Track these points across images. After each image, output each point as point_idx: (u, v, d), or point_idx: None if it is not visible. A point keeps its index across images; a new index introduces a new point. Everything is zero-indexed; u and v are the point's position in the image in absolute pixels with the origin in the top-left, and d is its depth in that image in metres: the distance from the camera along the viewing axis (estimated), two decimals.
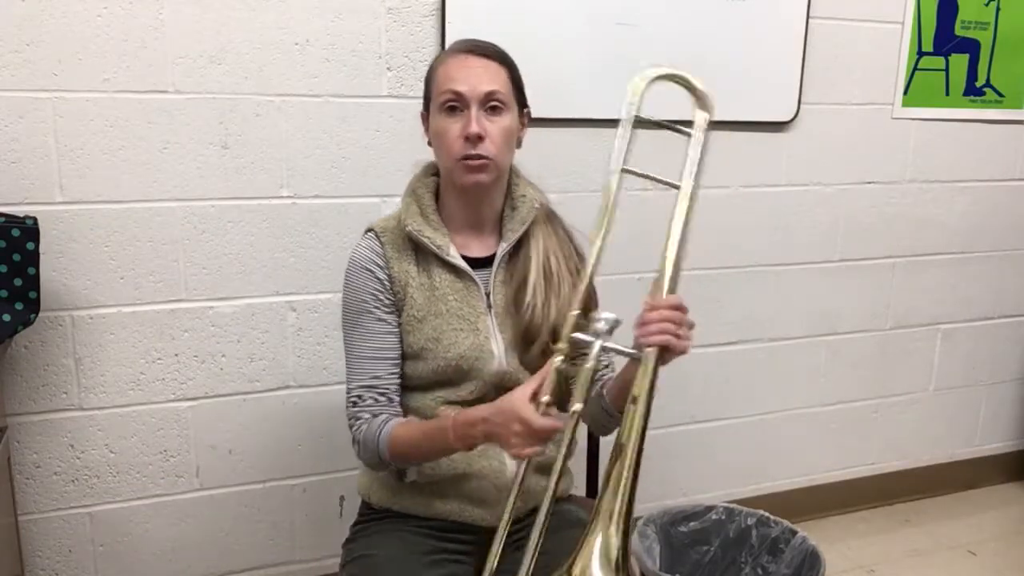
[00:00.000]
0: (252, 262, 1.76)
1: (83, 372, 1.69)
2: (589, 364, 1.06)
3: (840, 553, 2.29)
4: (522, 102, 1.33)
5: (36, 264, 1.50)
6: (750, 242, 2.22)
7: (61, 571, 1.75)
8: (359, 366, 1.29)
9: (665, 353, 1.09)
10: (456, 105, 1.24)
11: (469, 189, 1.27)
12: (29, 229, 1.48)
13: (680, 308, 1.12)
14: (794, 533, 1.84)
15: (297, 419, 1.86)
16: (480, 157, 1.23)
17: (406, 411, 1.31)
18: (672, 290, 1.15)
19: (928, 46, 2.27)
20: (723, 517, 1.92)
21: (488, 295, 1.31)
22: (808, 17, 2.09)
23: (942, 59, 2.30)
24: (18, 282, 1.49)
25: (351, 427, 1.28)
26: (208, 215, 1.71)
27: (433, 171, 1.36)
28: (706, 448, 2.31)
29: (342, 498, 1.93)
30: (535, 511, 1.25)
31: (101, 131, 1.61)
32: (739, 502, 2.01)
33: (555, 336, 1.24)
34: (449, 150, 1.25)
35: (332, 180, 1.78)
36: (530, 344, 1.29)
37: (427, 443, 1.21)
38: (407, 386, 1.31)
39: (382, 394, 1.29)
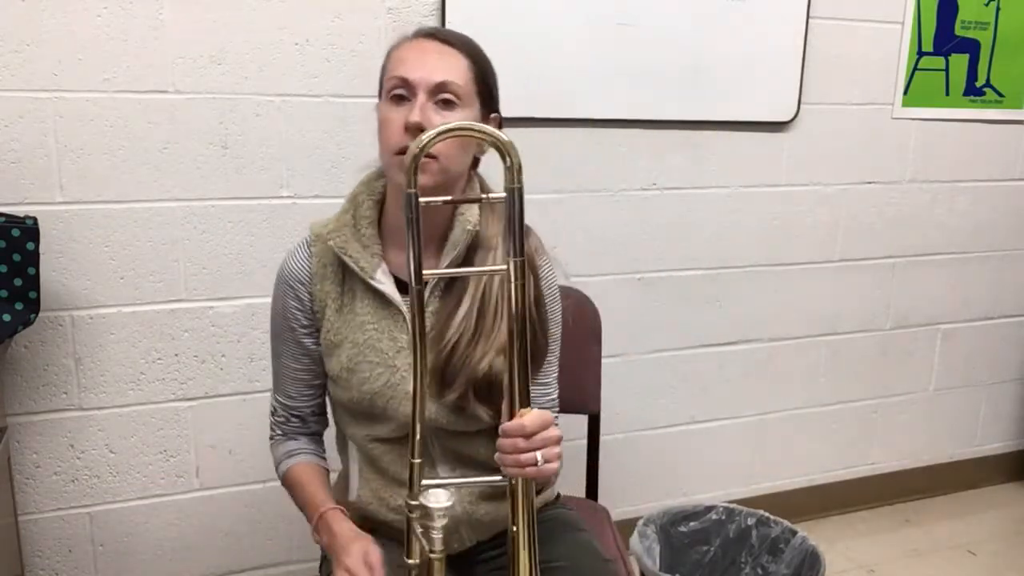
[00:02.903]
0: (252, 262, 1.76)
1: (83, 372, 1.69)
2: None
3: (840, 553, 2.30)
4: (488, 104, 1.15)
5: (36, 264, 1.50)
6: (750, 242, 2.22)
7: (61, 571, 1.76)
8: (277, 379, 1.29)
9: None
10: (403, 93, 1.08)
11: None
12: (29, 229, 1.48)
13: (524, 432, 0.95)
14: (794, 533, 1.84)
15: None
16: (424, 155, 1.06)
17: (346, 438, 1.26)
18: (524, 398, 0.96)
19: (928, 46, 2.27)
20: (723, 517, 1.93)
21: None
22: (808, 17, 2.09)
23: (942, 59, 2.30)
24: (18, 282, 1.49)
25: (270, 435, 1.33)
26: (208, 215, 1.71)
27: (382, 173, 1.21)
28: (706, 448, 2.31)
29: None
30: (499, 535, 1.24)
31: (101, 131, 1.61)
32: (739, 502, 2.01)
33: (476, 388, 1.12)
34: (387, 142, 1.09)
35: (332, 180, 1.78)
36: (446, 387, 1.12)
37: (301, 506, 1.25)
38: (344, 410, 1.24)
39: (295, 415, 1.29)
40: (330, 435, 1.36)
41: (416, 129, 1.04)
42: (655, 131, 2.04)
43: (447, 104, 1.09)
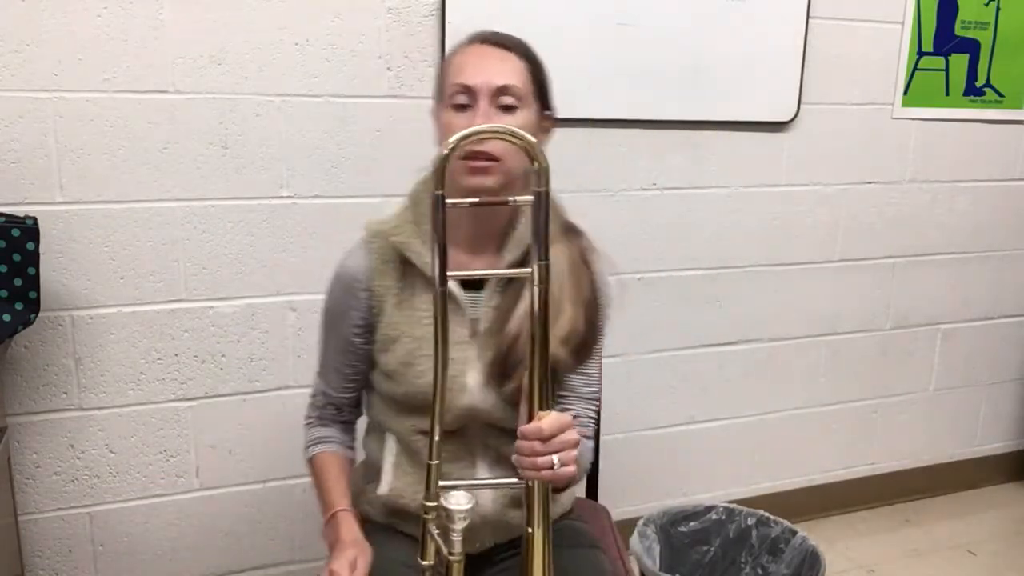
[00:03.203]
0: (252, 262, 1.76)
1: (83, 372, 1.69)
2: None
3: (840, 553, 2.30)
4: (544, 103, 1.20)
5: (36, 264, 1.50)
6: (750, 242, 2.22)
7: (61, 571, 1.76)
8: (322, 368, 1.33)
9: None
10: (465, 100, 1.12)
11: (473, 195, 1.10)
12: (29, 229, 1.48)
13: (541, 435, 0.96)
14: (794, 533, 1.84)
15: (297, 419, 1.84)
16: (487, 157, 1.10)
17: (384, 430, 1.27)
18: (544, 402, 0.97)
19: (928, 46, 2.27)
20: (723, 517, 1.93)
21: (474, 321, 1.19)
22: (808, 17, 2.09)
23: (942, 59, 2.30)
24: (18, 282, 1.49)
25: (305, 418, 1.36)
26: (208, 215, 1.71)
27: None
28: (706, 448, 2.31)
29: None
30: (518, 539, 1.25)
31: (101, 131, 1.61)
32: (739, 502, 2.01)
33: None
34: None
35: (332, 180, 1.78)
36: (507, 377, 1.15)
37: (319, 496, 1.29)
38: (389, 404, 1.25)
39: (331, 403, 1.32)
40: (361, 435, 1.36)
41: None
42: (655, 131, 2.04)
43: (508, 108, 1.13)
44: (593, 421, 1.29)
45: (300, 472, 1.89)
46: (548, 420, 0.97)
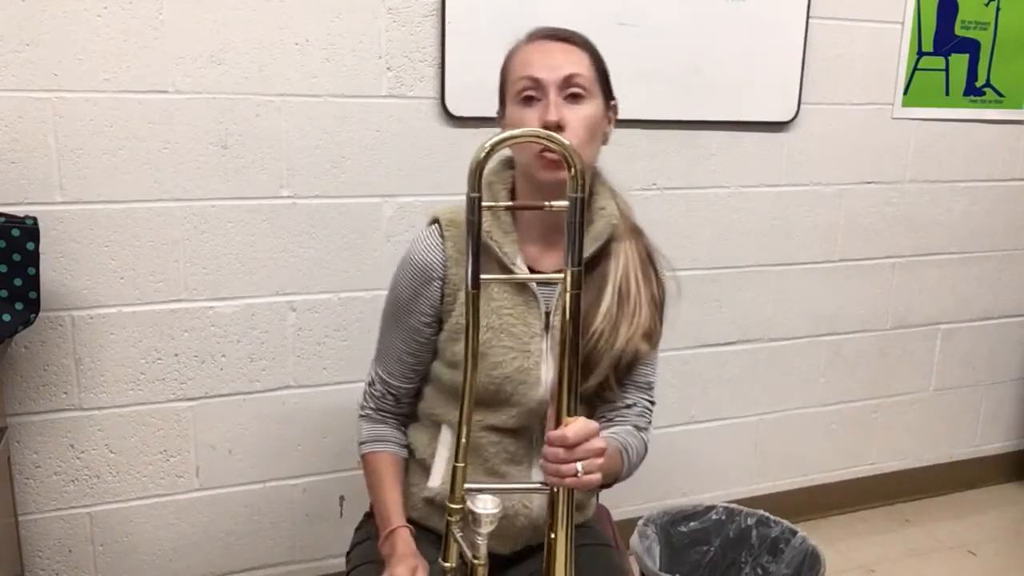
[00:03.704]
0: (252, 262, 1.76)
1: (83, 372, 1.69)
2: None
3: (840, 553, 2.29)
4: (608, 93, 1.20)
5: (36, 264, 1.50)
6: (750, 242, 2.22)
7: (61, 571, 1.76)
8: (383, 355, 1.29)
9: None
10: (533, 94, 1.12)
11: (548, 189, 1.10)
12: (29, 229, 1.48)
13: (565, 442, 0.96)
14: (794, 533, 1.84)
15: (297, 419, 1.86)
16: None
17: (438, 423, 1.26)
18: (572, 408, 0.97)
19: (928, 46, 2.27)
20: (723, 517, 1.93)
21: (548, 315, 1.19)
22: (808, 17, 2.09)
23: (942, 59, 2.30)
24: (18, 282, 1.49)
25: (360, 405, 1.32)
26: (208, 215, 1.71)
27: (511, 164, 1.23)
28: (706, 448, 2.31)
29: (342, 498, 1.93)
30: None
31: (101, 131, 1.61)
32: (739, 502, 2.01)
33: (617, 370, 1.20)
34: (524, 145, 1.10)
35: (332, 180, 1.78)
36: (587, 375, 1.16)
37: (374, 502, 1.27)
38: (451, 396, 1.24)
39: (391, 392, 1.29)
40: None
41: (555, 126, 1.08)
42: (655, 131, 2.04)
43: (576, 97, 1.13)
44: (650, 412, 1.32)
45: (300, 472, 1.89)
46: (573, 427, 0.97)
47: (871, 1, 2.18)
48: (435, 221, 1.22)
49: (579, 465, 0.97)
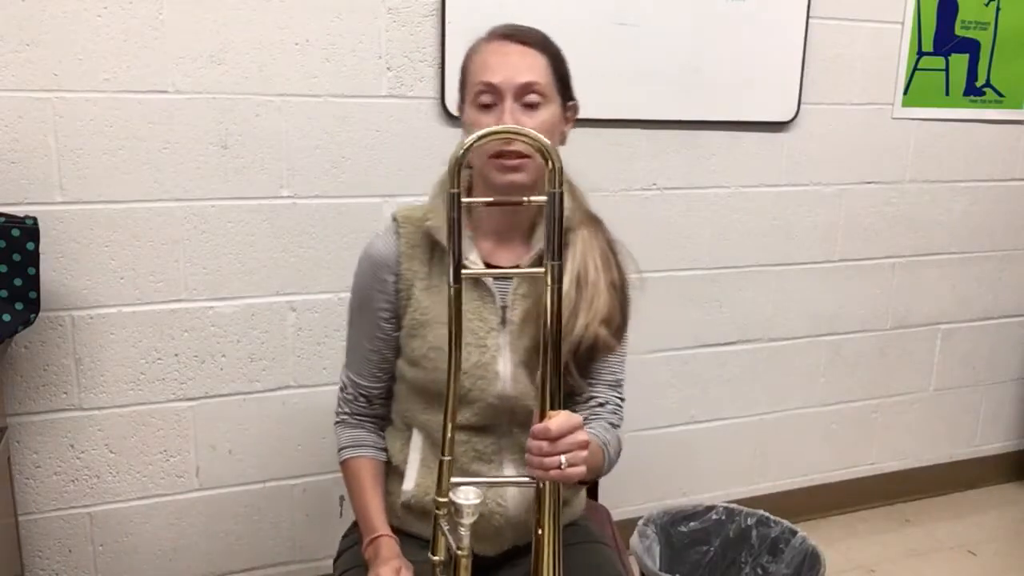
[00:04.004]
0: (252, 262, 1.76)
1: (83, 372, 1.69)
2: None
3: (840, 553, 2.29)
4: (566, 95, 1.21)
5: (36, 264, 1.50)
6: (750, 242, 2.22)
7: (61, 571, 1.76)
8: (350, 358, 1.31)
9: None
10: (490, 100, 1.13)
11: (502, 191, 1.13)
12: (29, 229, 1.48)
13: (548, 435, 0.97)
14: (794, 533, 1.84)
15: (297, 419, 1.86)
16: (516, 155, 1.11)
17: (409, 426, 1.26)
18: (553, 402, 0.98)
19: (928, 46, 2.27)
20: (723, 517, 1.93)
21: (504, 309, 1.20)
22: (808, 17, 2.09)
23: (942, 59, 2.30)
24: (18, 282, 1.49)
25: (336, 412, 1.33)
26: (208, 215, 1.71)
27: (467, 165, 1.22)
28: (706, 448, 2.31)
29: (342, 498, 1.93)
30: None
31: (101, 131, 1.61)
32: (739, 502, 2.01)
33: (576, 357, 1.18)
34: (480, 147, 1.11)
35: (332, 180, 1.78)
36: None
37: (356, 509, 1.27)
38: (417, 394, 1.24)
39: (363, 394, 1.30)
40: None
41: None
42: (655, 131, 2.04)
43: (533, 104, 1.13)
44: (621, 408, 1.30)
45: (300, 472, 1.89)
46: (556, 420, 0.97)
47: (871, 1, 2.18)
48: (394, 220, 1.25)
49: (563, 458, 0.97)
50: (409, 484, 1.24)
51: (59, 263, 1.63)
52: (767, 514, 1.90)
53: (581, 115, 1.93)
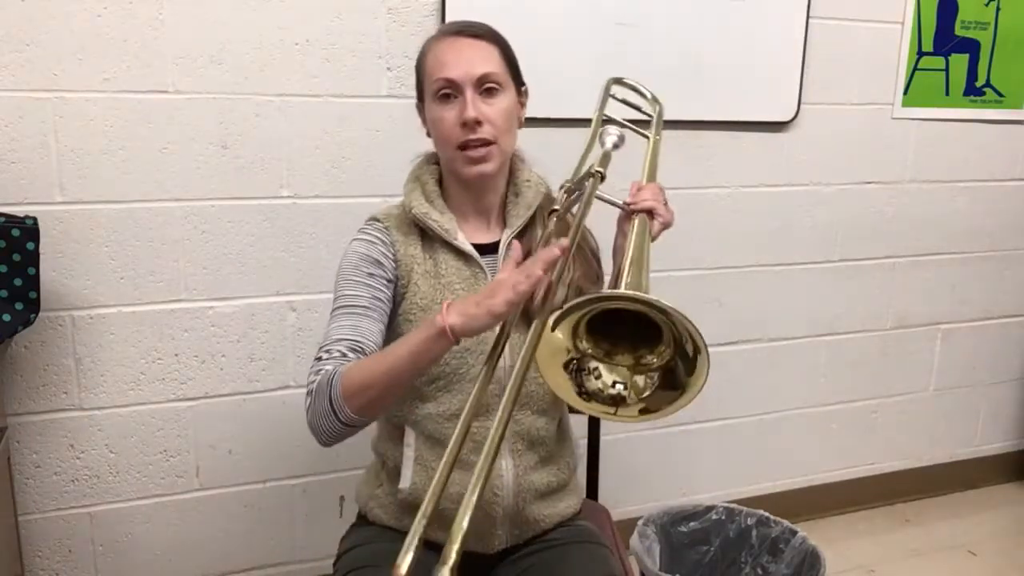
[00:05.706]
0: (252, 262, 1.76)
1: (83, 372, 1.69)
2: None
3: (840, 553, 2.29)
4: (518, 80, 1.27)
5: (36, 264, 1.50)
6: (750, 242, 2.22)
7: (61, 571, 1.76)
8: (347, 318, 1.18)
9: (652, 221, 1.15)
10: (450, 92, 1.18)
11: (472, 182, 1.22)
12: (29, 229, 1.48)
13: (661, 190, 1.19)
14: (794, 533, 1.84)
15: (297, 419, 1.85)
16: (482, 142, 1.17)
17: (401, 425, 1.25)
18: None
19: (928, 46, 2.27)
20: (723, 517, 1.93)
21: None
22: (808, 17, 2.10)
23: (942, 59, 2.30)
24: (18, 282, 1.50)
25: (308, 382, 1.12)
26: (208, 215, 1.71)
27: (435, 159, 1.31)
28: (706, 448, 2.31)
29: (342, 498, 1.93)
30: (535, 539, 1.28)
31: (101, 131, 1.61)
32: (739, 502, 2.01)
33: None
34: (448, 139, 1.19)
35: (332, 180, 1.78)
36: (527, 325, 1.12)
37: (397, 348, 1.05)
38: (408, 390, 1.18)
39: (355, 349, 1.13)
40: (364, 437, 1.32)
41: (474, 123, 1.16)
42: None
43: (490, 92, 1.19)
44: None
45: (300, 472, 1.89)
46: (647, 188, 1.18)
47: (871, 1, 2.18)
48: (372, 219, 1.28)
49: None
50: (405, 482, 1.24)
51: (59, 263, 1.63)
52: (767, 514, 1.90)
53: (581, 115, 1.95)
